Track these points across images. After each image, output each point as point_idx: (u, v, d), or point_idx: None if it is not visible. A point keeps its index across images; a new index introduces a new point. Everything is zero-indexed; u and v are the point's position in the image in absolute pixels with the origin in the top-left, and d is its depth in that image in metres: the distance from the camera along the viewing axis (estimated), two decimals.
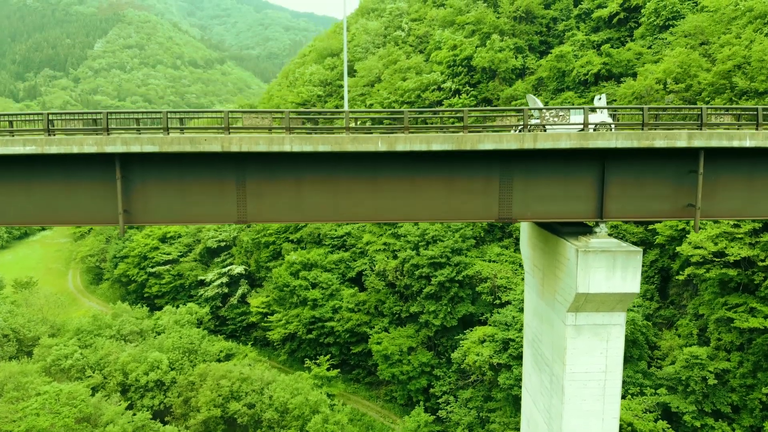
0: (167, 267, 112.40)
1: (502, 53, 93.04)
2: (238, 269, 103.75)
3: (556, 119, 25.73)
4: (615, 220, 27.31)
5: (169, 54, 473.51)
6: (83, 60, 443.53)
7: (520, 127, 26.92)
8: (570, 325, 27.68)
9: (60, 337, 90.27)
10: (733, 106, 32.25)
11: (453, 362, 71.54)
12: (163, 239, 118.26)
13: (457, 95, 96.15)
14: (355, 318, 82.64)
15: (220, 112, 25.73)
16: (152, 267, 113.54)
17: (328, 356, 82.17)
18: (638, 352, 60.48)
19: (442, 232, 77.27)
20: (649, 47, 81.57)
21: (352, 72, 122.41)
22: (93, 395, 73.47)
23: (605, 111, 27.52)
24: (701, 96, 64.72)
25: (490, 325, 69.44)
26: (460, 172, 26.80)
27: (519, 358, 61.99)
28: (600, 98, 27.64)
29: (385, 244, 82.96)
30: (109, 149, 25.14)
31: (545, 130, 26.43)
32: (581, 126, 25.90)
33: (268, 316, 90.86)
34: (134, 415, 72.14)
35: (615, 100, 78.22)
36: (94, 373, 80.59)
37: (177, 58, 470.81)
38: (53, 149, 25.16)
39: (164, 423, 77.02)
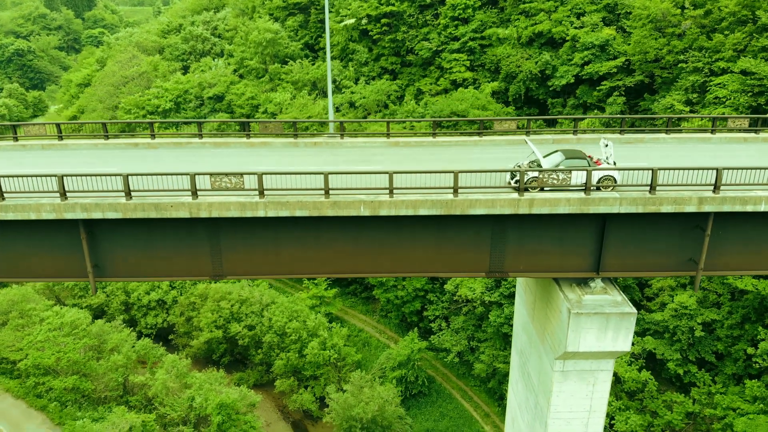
0: None
1: None
2: None
3: (555, 180, 23.34)
4: (613, 274, 25.89)
5: None
6: None
7: (516, 178, 24.56)
8: (557, 371, 27.33)
9: None
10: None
11: (446, 291, 72.67)
12: None
13: None
14: None
15: (187, 174, 23.33)
16: None
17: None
18: (628, 295, 61.09)
19: None
20: None
21: None
22: (96, 319, 75.66)
23: (611, 158, 24.92)
24: (720, 26, 59.56)
25: None
26: (450, 231, 24.97)
27: (510, 297, 62.71)
28: (607, 144, 24.88)
29: None
30: (69, 216, 23.27)
31: (543, 190, 24.15)
32: (583, 188, 23.61)
33: None
34: (138, 339, 74.49)
35: (629, 13, 72.25)
36: (97, 291, 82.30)
37: None
38: (9, 216, 23.30)
39: (169, 341, 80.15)
